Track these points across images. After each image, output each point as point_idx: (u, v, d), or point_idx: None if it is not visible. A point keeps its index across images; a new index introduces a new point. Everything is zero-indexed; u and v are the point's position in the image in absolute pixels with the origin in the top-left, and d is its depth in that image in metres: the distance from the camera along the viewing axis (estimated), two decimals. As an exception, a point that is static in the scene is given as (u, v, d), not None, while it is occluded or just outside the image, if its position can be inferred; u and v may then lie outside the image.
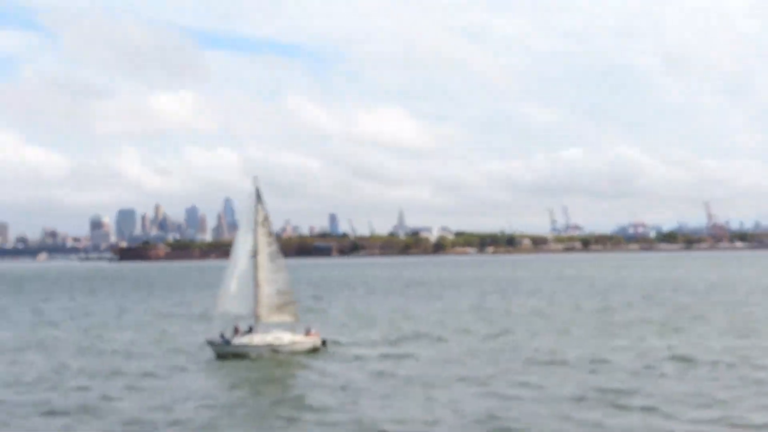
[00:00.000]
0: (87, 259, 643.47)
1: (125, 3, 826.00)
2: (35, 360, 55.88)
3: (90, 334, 72.76)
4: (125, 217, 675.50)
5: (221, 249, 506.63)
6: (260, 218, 56.05)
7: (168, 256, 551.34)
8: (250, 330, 55.41)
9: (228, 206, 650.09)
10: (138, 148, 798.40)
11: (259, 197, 56.41)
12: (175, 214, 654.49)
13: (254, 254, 55.61)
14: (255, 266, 55.53)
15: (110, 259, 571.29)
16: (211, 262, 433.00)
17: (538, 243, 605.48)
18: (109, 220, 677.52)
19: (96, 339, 68.26)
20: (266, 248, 56.10)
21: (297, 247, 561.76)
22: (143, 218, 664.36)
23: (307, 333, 57.03)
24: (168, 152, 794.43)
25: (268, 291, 55.59)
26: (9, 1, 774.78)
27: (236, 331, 55.25)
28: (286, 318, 56.36)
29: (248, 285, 55.61)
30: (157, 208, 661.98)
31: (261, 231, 55.86)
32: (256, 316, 55.61)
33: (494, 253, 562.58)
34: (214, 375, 49.33)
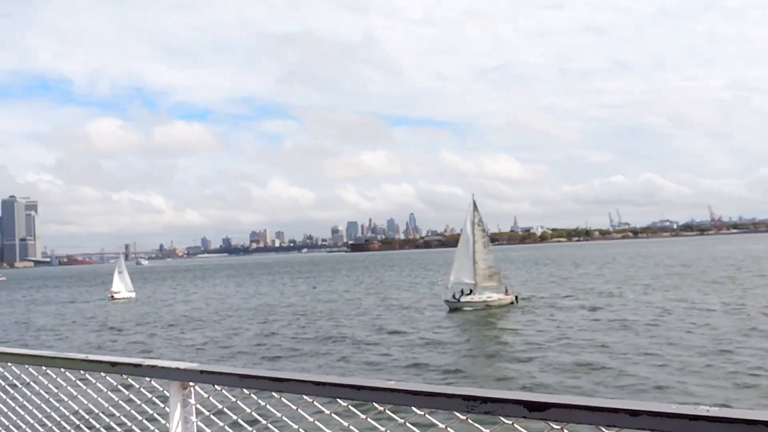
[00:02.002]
0: (331, 251, 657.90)
1: (343, 100, 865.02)
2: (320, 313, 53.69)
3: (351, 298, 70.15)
4: (351, 226, 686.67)
5: (410, 243, 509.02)
6: (476, 220, 52.72)
7: (379, 248, 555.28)
8: (470, 292, 52.33)
9: (411, 217, 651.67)
10: (355, 186, 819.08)
11: (475, 207, 52.97)
12: (380, 223, 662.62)
13: (473, 243, 52.40)
14: (474, 251, 52.28)
15: (345, 251, 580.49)
16: (405, 252, 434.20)
17: (604, 233, 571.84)
18: (342, 228, 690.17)
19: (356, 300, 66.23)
20: (481, 239, 52.84)
21: (455, 240, 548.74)
22: (362, 226, 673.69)
23: (506, 292, 53.41)
24: (373, 187, 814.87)
25: (482, 266, 52.35)
26: (275, 104, 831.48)
27: (462, 293, 52.32)
28: (493, 283, 52.93)
29: (470, 263, 52.48)
30: (369, 220, 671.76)
31: (477, 228, 52.55)
32: (475, 283, 52.49)
33: (578, 241, 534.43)
34: (451, 320, 46.57)
